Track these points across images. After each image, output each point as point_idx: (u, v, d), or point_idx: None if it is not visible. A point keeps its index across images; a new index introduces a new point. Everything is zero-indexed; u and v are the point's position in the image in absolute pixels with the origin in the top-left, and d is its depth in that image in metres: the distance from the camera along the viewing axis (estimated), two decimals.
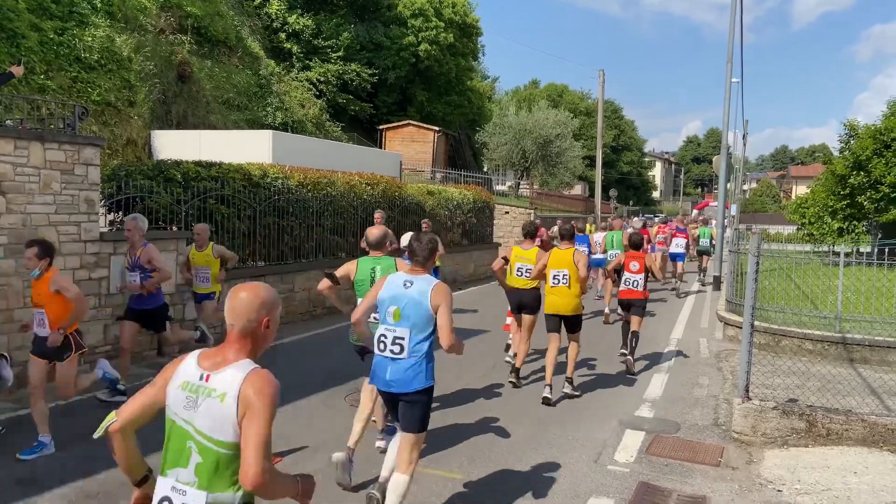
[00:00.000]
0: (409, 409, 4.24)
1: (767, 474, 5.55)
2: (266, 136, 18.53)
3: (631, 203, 73.88)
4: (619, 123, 75.86)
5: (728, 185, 21.20)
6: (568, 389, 7.62)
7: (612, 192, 50.51)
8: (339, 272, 5.57)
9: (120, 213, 9.14)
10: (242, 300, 2.44)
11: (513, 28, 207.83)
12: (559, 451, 5.92)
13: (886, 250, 9.92)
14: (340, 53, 31.28)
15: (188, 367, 2.44)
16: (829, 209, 23.98)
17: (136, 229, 7.17)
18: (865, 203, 22.41)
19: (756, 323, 7.45)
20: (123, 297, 7.61)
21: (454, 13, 36.18)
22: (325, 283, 5.52)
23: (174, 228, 9.38)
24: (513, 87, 70.71)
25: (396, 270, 5.15)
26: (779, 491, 5.23)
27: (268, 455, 2.27)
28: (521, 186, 38.38)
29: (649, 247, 14.23)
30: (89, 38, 17.17)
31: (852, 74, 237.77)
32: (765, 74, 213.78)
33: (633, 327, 8.95)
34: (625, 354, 8.98)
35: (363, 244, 5.92)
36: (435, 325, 4.18)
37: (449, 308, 4.19)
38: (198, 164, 10.36)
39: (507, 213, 26.66)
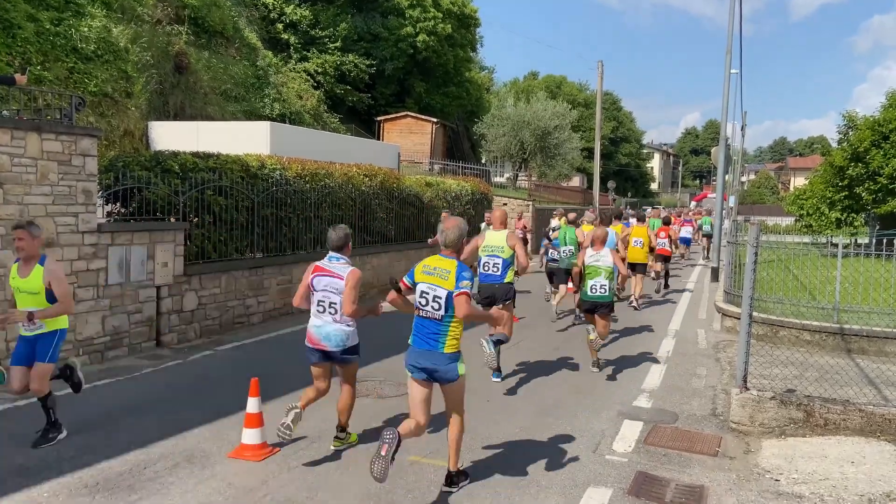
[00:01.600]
0: None
1: (765, 464, 5.57)
2: (264, 127, 18.49)
3: (629, 195, 73.79)
4: (618, 115, 75.73)
5: (726, 176, 21.46)
6: (635, 304, 13.19)
7: (611, 184, 50.44)
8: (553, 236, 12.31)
9: (118, 203, 9.11)
10: None
11: (511, 19, 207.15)
12: (558, 440, 5.93)
13: (884, 241, 9.91)
14: (338, 44, 31.14)
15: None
16: (828, 200, 24.01)
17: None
18: (863, 194, 22.43)
19: (754, 314, 7.46)
20: (123, 290, 7.56)
21: (452, 3, 36.01)
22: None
23: (172, 220, 9.36)
24: (511, 79, 70.47)
25: (575, 235, 11.49)
26: (776, 480, 5.25)
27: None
28: (519, 178, 38.30)
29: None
30: (86, 29, 17.08)
31: (851, 66, 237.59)
32: (763, 66, 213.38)
33: (665, 270, 15.39)
34: (659, 283, 15.07)
35: (568, 221, 12.42)
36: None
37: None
38: (195, 155, 10.33)
39: (505, 204, 26.58)
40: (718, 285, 14.54)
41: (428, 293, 4.67)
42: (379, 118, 34.10)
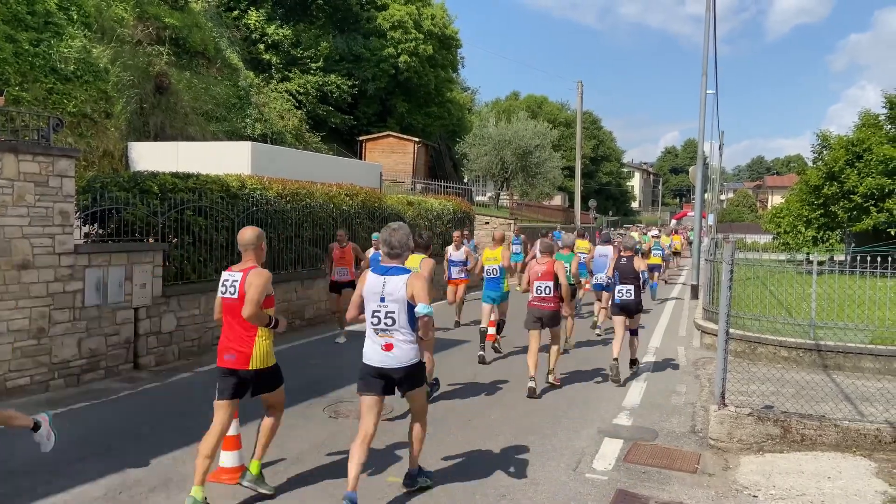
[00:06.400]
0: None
1: (743, 480, 5.60)
2: (245, 147, 18.45)
3: (610, 213, 74.37)
4: (598, 134, 76.50)
5: (705, 195, 21.84)
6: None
7: (592, 203, 50.92)
8: None
9: (95, 224, 9.04)
10: None
11: (492, 40, 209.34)
12: (538, 459, 5.93)
13: (858, 258, 10.08)
14: (320, 64, 31.26)
15: None
16: (804, 219, 24.39)
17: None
18: (839, 212, 22.81)
19: (732, 331, 7.55)
20: (101, 312, 7.51)
21: (433, 25, 36.36)
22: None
23: (150, 240, 9.30)
24: (493, 99, 71.06)
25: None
26: (754, 496, 5.28)
27: None
28: (501, 197, 38.50)
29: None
30: (65, 49, 17.02)
31: (826, 86, 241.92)
32: (740, 86, 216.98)
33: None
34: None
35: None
36: None
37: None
38: (175, 175, 10.28)
39: (487, 223, 26.73)
40: (698, 303, 14.67)
41: None
42: (361, 138, 34.19)
